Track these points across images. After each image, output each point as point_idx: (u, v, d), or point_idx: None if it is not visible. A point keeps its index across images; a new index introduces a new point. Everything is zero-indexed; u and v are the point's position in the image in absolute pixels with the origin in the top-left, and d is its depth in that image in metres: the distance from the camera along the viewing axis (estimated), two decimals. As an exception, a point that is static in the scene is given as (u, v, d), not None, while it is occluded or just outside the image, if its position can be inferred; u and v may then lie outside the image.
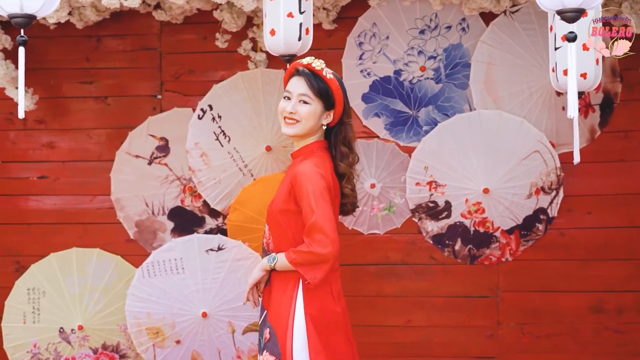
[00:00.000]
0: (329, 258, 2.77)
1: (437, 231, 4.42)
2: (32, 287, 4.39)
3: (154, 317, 4.24)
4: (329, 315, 2.93)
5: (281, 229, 2.92)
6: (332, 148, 2.99)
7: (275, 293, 2.94)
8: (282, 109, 2.96)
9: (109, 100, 4.61)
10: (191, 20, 4.51)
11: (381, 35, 4.41)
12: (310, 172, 2.83)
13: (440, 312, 4.47)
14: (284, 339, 2.85)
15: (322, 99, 2.92)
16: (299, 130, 2.94)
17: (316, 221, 2.75)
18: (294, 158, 3.03)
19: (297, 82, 2.94)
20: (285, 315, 2.87)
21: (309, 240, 2.77)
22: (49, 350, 4.38)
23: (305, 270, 2.80)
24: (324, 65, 2.94)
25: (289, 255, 2.84)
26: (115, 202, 4.51)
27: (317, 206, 2.77)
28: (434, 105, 4.42)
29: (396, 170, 4.42)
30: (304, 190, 2.80)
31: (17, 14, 2.71)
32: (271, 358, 2.87)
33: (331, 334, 2.93)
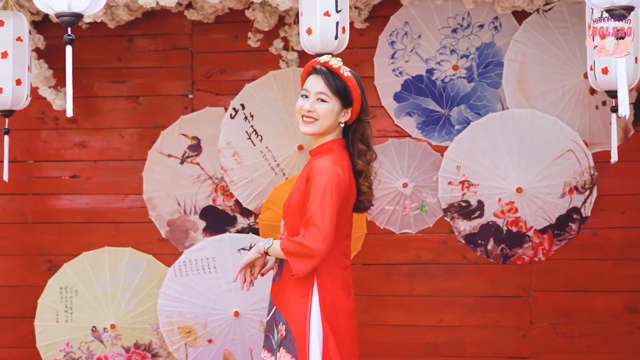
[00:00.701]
0: (317, 253, 2.75)
1: (470, 231, 4.40)
2: (64, 286, 4.42)
3: (186, 317, 4.25)
4: (342, 313, 2.93)
5: (296, 223, 2.89)
6: (350, 146, 2.97)
7: (289, 289, 2.92)
8: (299, 107, 2.96)
9: (140, 100, 4.62)
10: (222, 19, 4.51)
11: (413, 34, 4.40)
12: (327, 168, 2.82)
13: (472, 312, 4.45)
14: (301, 336, 2.84)
15: (340, 96, 2.91)
16: (317, 129, 2.93)
17: (314, 215, 2.74)
18: (312, 155, 3.02)
19: (315, 80, 2.93)
20: (302, 313, 2.86)
21: (304, 232, 2.77)
22: (81, 349, 4.40)
23: (293, 260, 2.80)
24: (342, 63, 2.94)
25: (282, 243, 2.84)
26: (147, 201, 4.52)
27: (321, 201, 2.75)
28: (466, 104, 4.40)
29: (428, 169, 4.41)
30: (315, 183, 2.79)
31: (65, 13, 2.72)
32: (288, 356, 2.85)
33: (343, 332, 2.94)
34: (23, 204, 4.66)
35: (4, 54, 3.55)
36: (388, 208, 4.43)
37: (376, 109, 4.48)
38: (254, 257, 3.00)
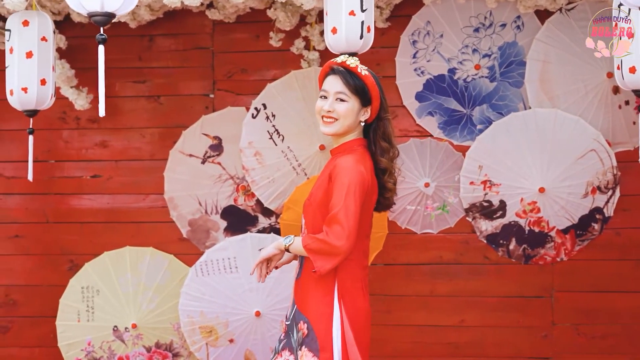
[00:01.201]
0: (341, 251, 2.75)
1: (491, 231, 4.38)
2: (86, 286, 4.43)
3: (207, 316, 4.25)
4: (362, 313, 2.92)
5: (318, 222, 2.89)
6: (372, 144, 2.97)
7: (310, 288, 2.92)
8: (319, 108, 2.96)
9: (161, 100, 4.62)
10: (243, 19, 4.50)
11: (435, 33, 4.39)
12: (351, 167, 2.82)
13: (494, 312, 4.44)
14: (323, 335, 2.84)
15: (359, 95, 2.91)
16: (337, 129, 2.93)
17: (338, 213, 2.74)
18: (333, 155, 3.02)
19: (333, 80, 2.93)
20: (325, 311, 2.86)
21: (327, 230, 2.76)
22: (102, 349, 4.40)
23: (316, 258, 2.79)
24: (359, 62, 2.94)
25: (304, 240, 2.84)
26: (169, 201, 4.52)
27: (345, 199, 2.75)
28: (488, 104, 4.39)
29: (450, 169, 4.40)
30: (339, 182, 2.79)
31: (97, 12, 2.73)
32: (310, 354, 2.85)
33: (363, 332, 2.92)
34: (44, 204, 4.67)
35: (28, 54, 3.56)
36: (410, 208, 4.42)
37: (397, 108, 4.48)
38: (273, 254, 3.02)
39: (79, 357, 4.41)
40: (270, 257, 3.03)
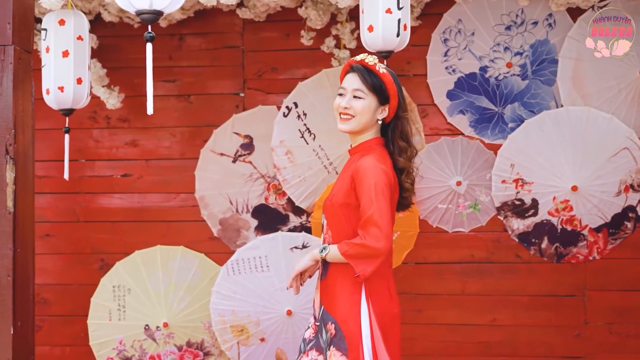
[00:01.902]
0: (381, 252, 2.75)
1: (523, 229, 4.37)
2: (117, 285, 4.43)
3: (238, 315, 4.24)
4: (388, 316, 2.91)
5: (341, 223, 2.90)
6: (390, 143, 2.97)
7: (337, 288, 2.91)
8: (337, 105, 2.97)
9: (191, 99, 4.63)
10: (273, 17, 4.51)
11: (467, 31, 4.38)
12: (374, 167, 2.81)
13: (526, 311, 4.42)
14: (351, 334, 2.83)
15: (376, 93, 2.91)
16: (354, 126, 2.93)
17: (373, 215, 2.74)
18: (352, 154, 3.01)
19: (351, 78, 2.94)
20: (352, 311, 2.85)
21: (364, 233, 2.76)
22: (134, 347, 4.40)
23: (357, 263, 2.78)
24: (377, 60, 2.93)
25: (341, 247, 2.82)
26: (200, 199, 4.53)
27: (376, 201, 2.75)
28: (519, 102, 4.37)
29: (481, 167, 4.38)
30: (365, 183, 2.79)
31: (146, 10, 2.73)
32: (338, 354, 2.84)
33: (388, 334, 2.91)
34: (75, 203, 4.68)
35: (65, 53, 3.56)
36: (441, 206, 4.41)
37: (428, 107, 4.47)
38: (309, 266, 3.00)
39: (111, 356, 4.42)
40: (306, 269, 3.03)
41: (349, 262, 2.81)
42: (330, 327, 2.89)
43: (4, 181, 2.51)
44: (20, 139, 2.55)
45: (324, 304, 2.97)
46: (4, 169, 2.51)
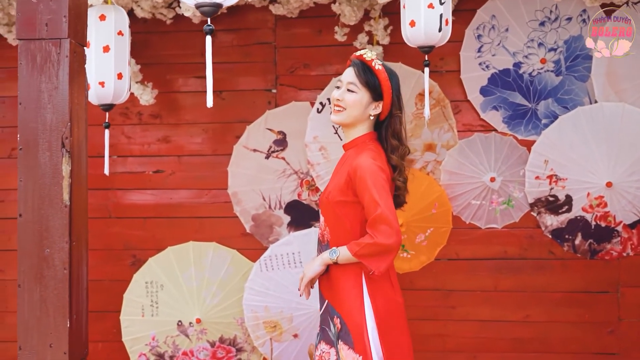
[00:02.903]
0: (393, 248, 2.79)
1: (557, 225, 4.36)
2: (150, 281, 4.43)
3: (271, 311, 4.24)
4: (393, 304, 2.94)
5: (338, 219, 2.93)
6: (383, 140, 3.00)
7: (339, 282, 2.94)
8: (332, 97, 3.03)
9: (223, 95, 4.62)
10: (306, 14, 4.50)
11: (500, 27, 4.37)
12: (370, 165, 2.84)
13: (559, 307, 4.41)
14: (356, 328, 2.85)
15: (369, 88, 2.95)
16: (344, 118, 2.98)
17: (382, 213, 2.76)
18: (346, 150, 3.05)
19: (349, 71, 3.00)
20: (356, 304, 2.87)
21: (373, 232, 2.78)
22: (167, 343, 4.41)
23: (370, 262, 2.81)
24: (375, 56, 2.97)
25: (351, 248, 2.84)
26: (232, 195, 4.52)
27: (380, 198, 2.78)
28: (553, 98, 4.37)
29: (515, 164, 4.37)
30: (365, 183, 2.81)
31: (205, 3, 2.73)
32: (345, 347, 2.87)
33: (396, 321, 2.94)
34: (107, 199, 4.68)
35: (105, 48, 3.57)
36: (474, 203, 4.40)
37: (461, 103, 4.47)
38: (321, 271, 3.00)
39: (143, 352, 4.42)
40: (318, 275, 3.03)
41: (362, 262, 2.83)
42: (337, 321, 2.92)
43: (60, 174, 2.51)
44: (76, 132, 2.55)
45: (328, 297, 3.00)
46: (60, 162, 2.51)
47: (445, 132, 4.38)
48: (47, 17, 2.56)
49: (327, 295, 3.00)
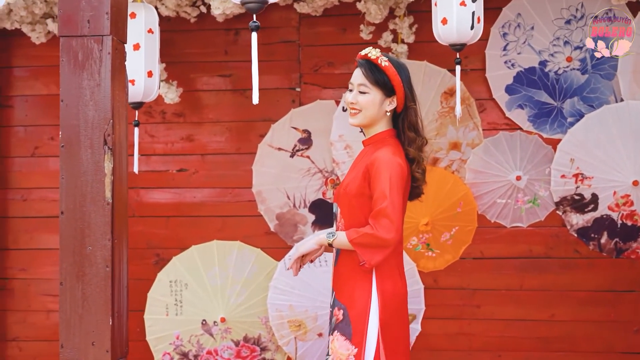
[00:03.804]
0: (390, 243, 2.78)
1: (582, 224, 4.35)
2: (174, 280, 4.42)
3: (296, 310, 4.23)
4: (399, 298, 2.93)
5: (354, 212, 2.92)
6: (401, 134, 2.99)
7: (348, 275, 2.93)
8: (345, 101, 3.03)
9: (247, 94, 4.61)
10: (330, 12, 4.49)
11: (526, 25, 4.36)
12: (390, 160, 2.84)
13: (584, 306, 4.40)
14: (358, 321, 2.85)
15: (380, 86, 2.93)
16: (361, 120, 2.97)
17: (386, 207, 2.75)
18: (365, 145, 3.04)
19: (356, 73, 2.98)
20: (362, 297, 2.86)
21: (374, 223, 2.77)
22: (191, 342, 4.39)
23: (364, 252, 2.80)
24: (380, 53, 2.94)
25: (349, 235, 2.83)
26: (257, 194, 4.51)
27: (390, 193, 2.77)
28: (579, 97, 4.36)
29: (540, 162, 4.36)
30: (381, 176, 2.81)
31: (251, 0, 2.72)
32: (341, 338, 2.87)
33: (398, 317, 2.93)
34: (130, 198, 4.64)
35: (136, 46, 3.57)
36: (500, 201, 4.39)
37: (486, 101, 4.46)
38: (313, 249, 3.02)
39: (168, 351, 4.41)
40: (310, 252, 3.04)
41: (356, 250, 2.82)
42: (338, 313, 2.92)
43: (102, 172, 2.50)
44: (117, 129, 2.54)
45: (335, 290, 3.00)
46: (102, 159, 2.50)
47: (470, 131, 4.37)
48: (89, 14, 2.55)
49: (335, 287, 3.01)
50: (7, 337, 4.73)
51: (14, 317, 4.73)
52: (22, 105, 4.77)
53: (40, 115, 4.73)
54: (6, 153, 4.75)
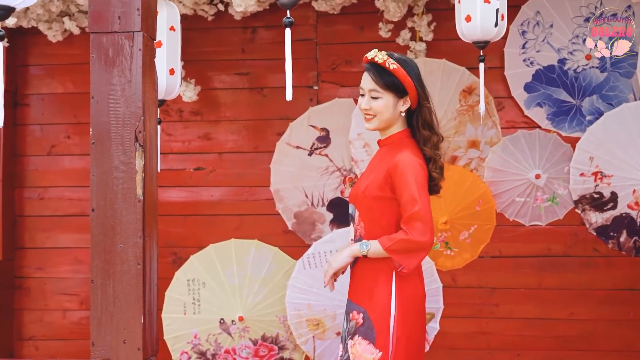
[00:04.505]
0: (426, 246, 2.76)
1: (602, 223, 4.33)
2: (192, 278, 4.39)
3: (314, 309, 4.21)
4: (418, 299, 2.92)
5: (374, 215, 2.89)
6: (416, 132, 2.96)
7: (367, 279, 2.90)
8: (359, 105, 3.00)
9: (264, 92, 4.60)
10: (348, 10, 4.48)
11: (545, 23, 4.35)
12: (412, 162, 2.82)
13: (603, 305, 4.39)
14: (381, 324, 2.82)
15: (391, 90, 2.89)
16: (377, 124, 2.95)
17: (419, 211, 2.73)
18: (381, 146, 3.02)
19: (365, 77, 2.95)
20: (382, 301, 2.84)
21: (408, 228, 2.75)
22: (209, 341, 4.37)
23: (402, 258, 2.77)
24: (386, 56, 2.89)
25: (383, 243, 2.80)
26: (275, 193, 4.50)
27: (419, 196, 2.76)
28: (598, 95, 4.35)
29: (559, 160, 4.35)
30: (407, 179, 2.78)
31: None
32: (364, 342, 2.83)
33: (418, 318, 2.91)
34: (147, 197, 4.65)
35: (158, 44, 3.54)
36: (518, 200, 4.38)
37: (504, 99, 4.45)
38: (348, 263, 2.96)
39: (185, 350, 4.39)
40: (344, 266, 2.99)
41: (392, 257, 2.79)
42: (357, 316, 2.89)
43: (134, 169, 2.49)
44: (148, 126, 2.53)
45: (352, 293, 2.97)
46: (134, 156, 2.49)
47: (488, 129, 4.36)
48: (120, 10, 2.54)
49: (350, 289, 2.98)
50: (24, 336, 4.71)
51: (30, 316, 4.71)
52: (38, 103, 4.76)
53: (56, 114, 4.72)
54: (22, 151, 4.74)
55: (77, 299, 4.69)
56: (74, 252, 4.69)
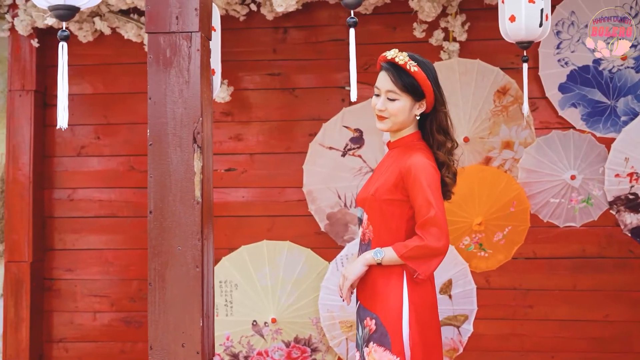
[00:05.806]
0: (443, 251, 2.73)
1: (637, 224, 4.31)
2: (224, 280, 4.37)
3: (347, 311, 4.18)
4: (429, 303, 2.87)
5: (384, 218, 2.84)
6: (429, 136, 2.91)
7: (378, 284, 2.84)
8: (373, 106, 2.92)
9: (296, 92, 4.57)
10: (380, 10, 4.46)
11: (580, 23, 4.32)
12: (426, 166, 2.77)
13: (639, 306, 4.36)
14: (395, 330, 2.78)
15: (410, 92, 2.83)
16: (391, 126, 2.89)
17: (435, 215, 2.70)
18: (391, 149, 2.97)
19: (383, 78, 2.87)
20: (394, 306, 2.79)
21: (423, 233, 2.71)
22: (241, 344, 4.35)
23: (418, 264, 2.73)
24: (408, 57, 2.82)
25: (398, 250, 2.75)
26: (307, 194, 4.47)
27: (434, 200, 2.72)
28: (633, 95, 4.32)
29: (594, 161, 4.33)
30: (420, 182, 2.74)
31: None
32: (380, 349, 2.79)
33: (431, 322, 2.88)
34: (178, 198, 4.62)
35: (198, 44, 3.51)
36: (553, 201, 4.35)
37: (538, 100, 4.43)
38: (363, 272, 2.89)
39: (218, 352, 4.35)
40: (359, 277, 2.92)
41: (408, 264, 2.75)
42: (370, 323, 2.84)
43: (192, 170, 2.46)
44: (205, 127, 2.50)
45: (361, 299, 2.92)
46: (192, 157, 2.46)
47: (522, 130, 4.33)
48: (177, 10, 2.51)
49: (361, 296, 2.93)
50: (54, 338, 4.68)
51: (60, 318, 4.68)
52: (68, 104, 4.70)
53: (86, 115, 4.69)
54: (52, 152, 4.71)
55: (108, 301, 4.66)
56: (104, 254, 4.66)
